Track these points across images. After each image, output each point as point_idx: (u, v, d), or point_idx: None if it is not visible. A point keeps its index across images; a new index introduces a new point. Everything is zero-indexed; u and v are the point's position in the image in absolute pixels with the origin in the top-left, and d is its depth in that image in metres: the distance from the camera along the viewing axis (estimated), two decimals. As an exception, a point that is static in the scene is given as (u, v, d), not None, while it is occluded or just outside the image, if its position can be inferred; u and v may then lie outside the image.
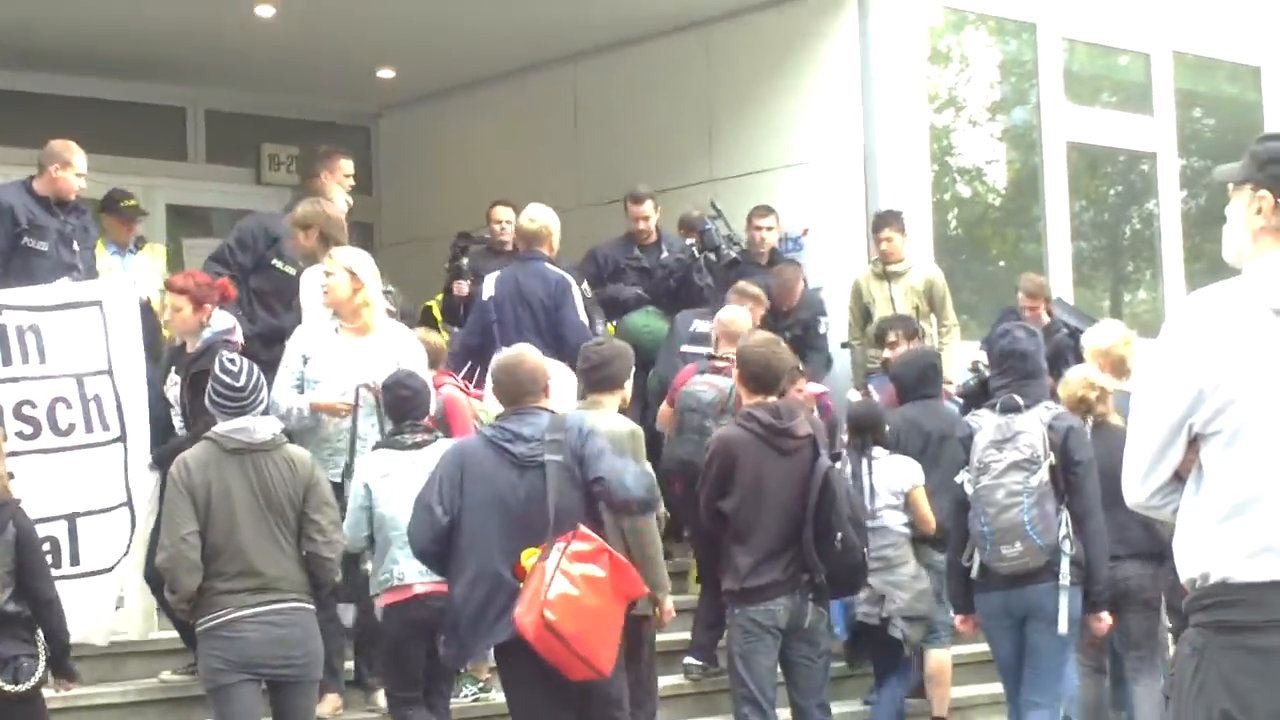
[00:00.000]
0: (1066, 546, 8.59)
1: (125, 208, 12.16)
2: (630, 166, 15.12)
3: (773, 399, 8.67)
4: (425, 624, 8.29)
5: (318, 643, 7.82)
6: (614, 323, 12.07)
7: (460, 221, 15.04)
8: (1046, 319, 12.47)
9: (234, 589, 7.52)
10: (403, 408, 8.75)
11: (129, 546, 8.97)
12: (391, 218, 17.15)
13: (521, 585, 7.31)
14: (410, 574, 8.38)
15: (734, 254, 12.54)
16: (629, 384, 8.81)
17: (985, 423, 8.79)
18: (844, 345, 13.12)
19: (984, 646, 10.75)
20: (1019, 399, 8.73)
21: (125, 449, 9.14)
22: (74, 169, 10.53)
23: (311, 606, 7.75)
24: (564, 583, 7.22)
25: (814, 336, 12.71)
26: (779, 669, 8.57)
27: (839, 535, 8.43)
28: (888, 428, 10.14)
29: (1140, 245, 16.70)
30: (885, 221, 13.11)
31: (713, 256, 12.44)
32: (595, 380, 8.66)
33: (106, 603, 8.84)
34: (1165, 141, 16.06)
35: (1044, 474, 8.56)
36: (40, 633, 7.39)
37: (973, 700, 11.00)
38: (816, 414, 10.03)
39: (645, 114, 15.24)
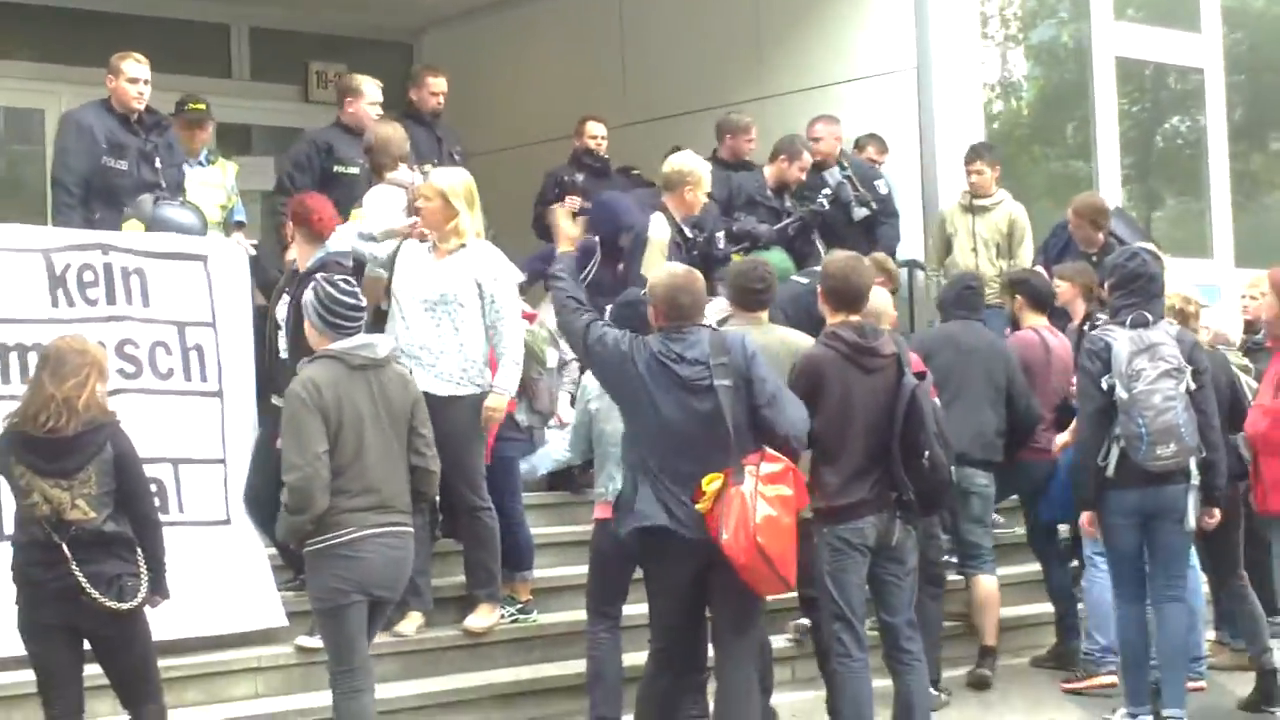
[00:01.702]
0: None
1: (188, 111, 11.68)
2: (678, 83, 15.11)
3: (856, 317, 8.63)
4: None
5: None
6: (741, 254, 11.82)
7: (506, 137, 15.05)
8: (1101, 239, 12.34)
9: (357, 507, 7.51)
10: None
11: (227, 510, 9.03)
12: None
13: (701, 508, 7.62)
14: None
15: (866, 212, 12.46)
16: None
17: (1119, 335, 9.12)
18: (911, 265, 13.02)
19: (1026, 568, 11.11)
20: (1149, 315, 9.17)
21: (222, 405, 9.21)
22: (124, 76, 10.38)
23: (413, 528, 7.79)
24: (765, 506, 7.59)
25: None
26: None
27: (926, 453, 8.41)
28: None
29: (1184, 160, 16.64)
30: (977, 154, 13.07)
31: (840, 213, 12.39)
32: (762, 299, 8.91)
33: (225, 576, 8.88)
34: (1213, 57, 15.99)
35: (1188, 380, 9.04)
36: (140, 551, 7.39)
37: (1021, 620, 11.07)
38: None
39: (693, 30, 15.18)
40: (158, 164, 10.38)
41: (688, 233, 10.87)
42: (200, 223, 10.11)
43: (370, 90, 11.29)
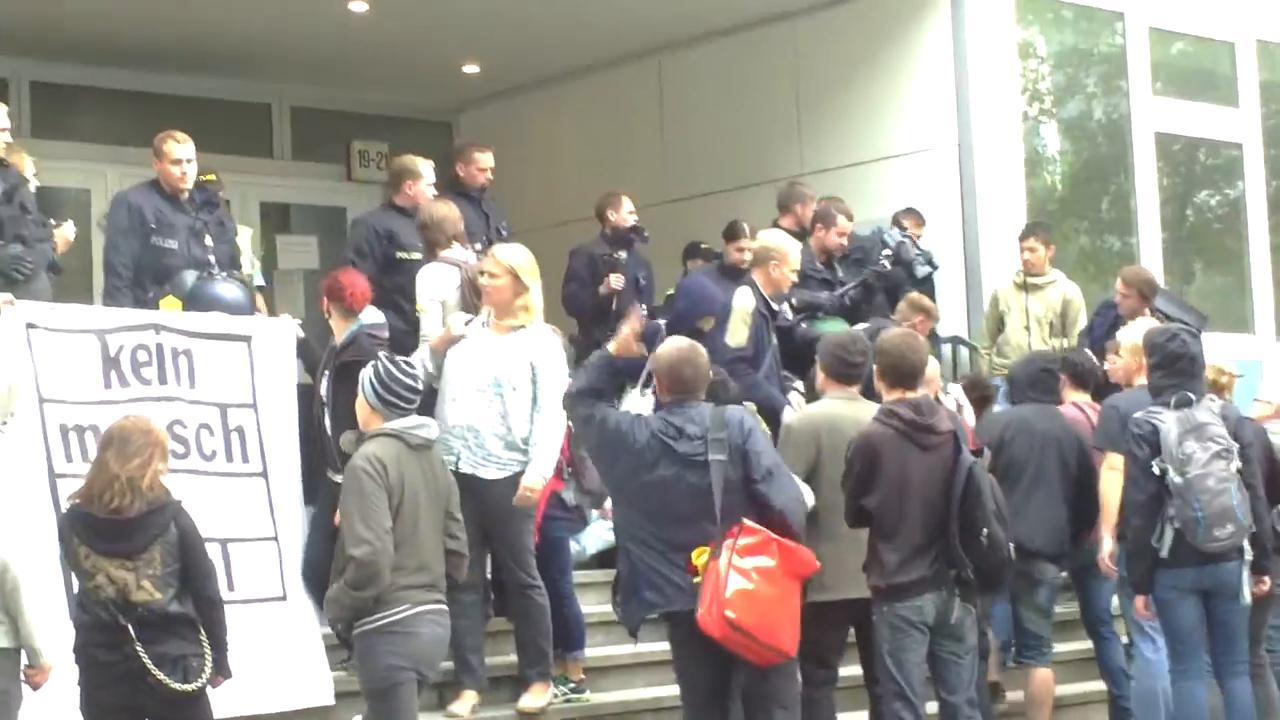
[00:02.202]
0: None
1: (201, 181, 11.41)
2: (717, 160, 15.16)
3: (912, 394, 8.63)
4: None
5: None
6: (804, 324, 11.86)
7: (542, 215, 15.09)
8: (1146, 313, 12.33)
9: (412, 584, 7.54)
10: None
11: (283, 585, 9.02)
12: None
13: (696, 581, 7.72)
14: None
15: (929, 270, 12.53)
16: None
17: (1166, 418, 9.11)
18: (955, 342, 13.03)
19: (1072, 645, 11.11)
20: (1192, 395, 9.17)
21: (268, 484, 9.23)
22: (168, 157, 10.40)
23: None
24: (739, 579, 7.65)
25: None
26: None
27: (985, 531, 8.38)
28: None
29: (1224, 236, 16.63)
30: (1031, 231, 13.11)
31: (903, 272, 12.43)
32: (858, 373, 8.97)
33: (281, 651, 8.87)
34: (1251, 132, 16.00)
35: (1237, 461, 9.05)
36: (203, 631, 7.38)
37: (1073, 699, 11.00)
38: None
39: (732, 107, 15.23)
40: (208, 241, 10.38)
41: (774, 307, 10.86)
42: (246, 297, 10.17)
43: (427, 172, 11.34)
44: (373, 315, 9.62)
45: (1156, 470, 9.06)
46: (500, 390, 9.27)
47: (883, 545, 8.39)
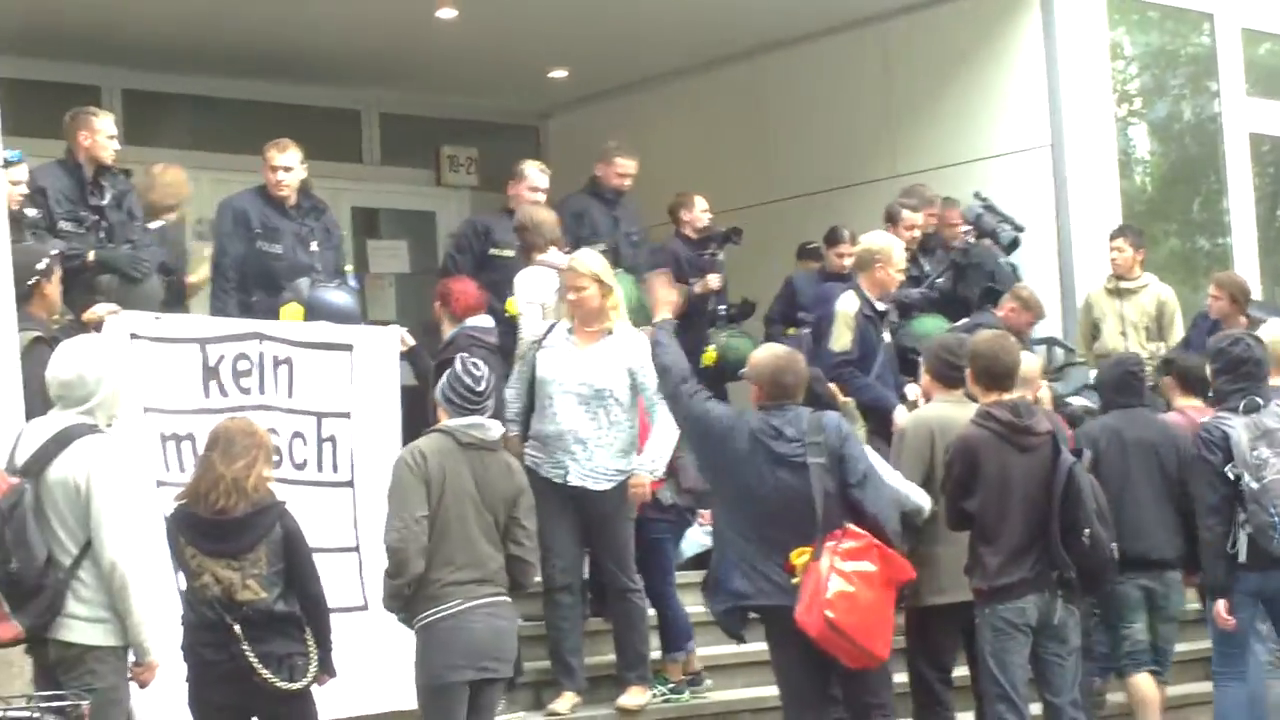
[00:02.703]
0: None
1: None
2: (810, 163, 15.11)
3: (1008, 396, 8.60)
4: None
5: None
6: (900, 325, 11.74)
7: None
8: (1243, 320, 12.11)
9: (461, 580, 7.61)
10: None
11: (364, 595, 9.06)
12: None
13: (794, 581, 7.81)
14: None
15: (1014, 234, 12.39)
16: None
17: (1236, 423, 9.09)
18: (1050, 343, 12.92)
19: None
20: (1259, 399, 9.15)
21: (354, 495, 9.25)
22: (268, 164, 10.61)
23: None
24: (840, 581, 7.78)
25: None
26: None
27: (1086, 531, 8.37)
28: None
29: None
30: (1120, 232, 13.00)
31: (988, 241, 12.35)
32: (963, 376, 8.91)
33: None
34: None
35: None
36: (308, 630, 7.42)
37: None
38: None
39: (825, 110, 15.16)
40: (314, 247, 10.52)
41: (879, 307, 10.83)
42: (355, 303, 10.22)
43: (532, 175, 11.41)
44: (481, 320, 9.76)
45: (1231, 475, 9.05)
46: (603, 401, 9.31)
47: (984, 548, 8.39)
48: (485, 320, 9.84)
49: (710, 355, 12.07)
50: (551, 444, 9.27)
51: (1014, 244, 12.43)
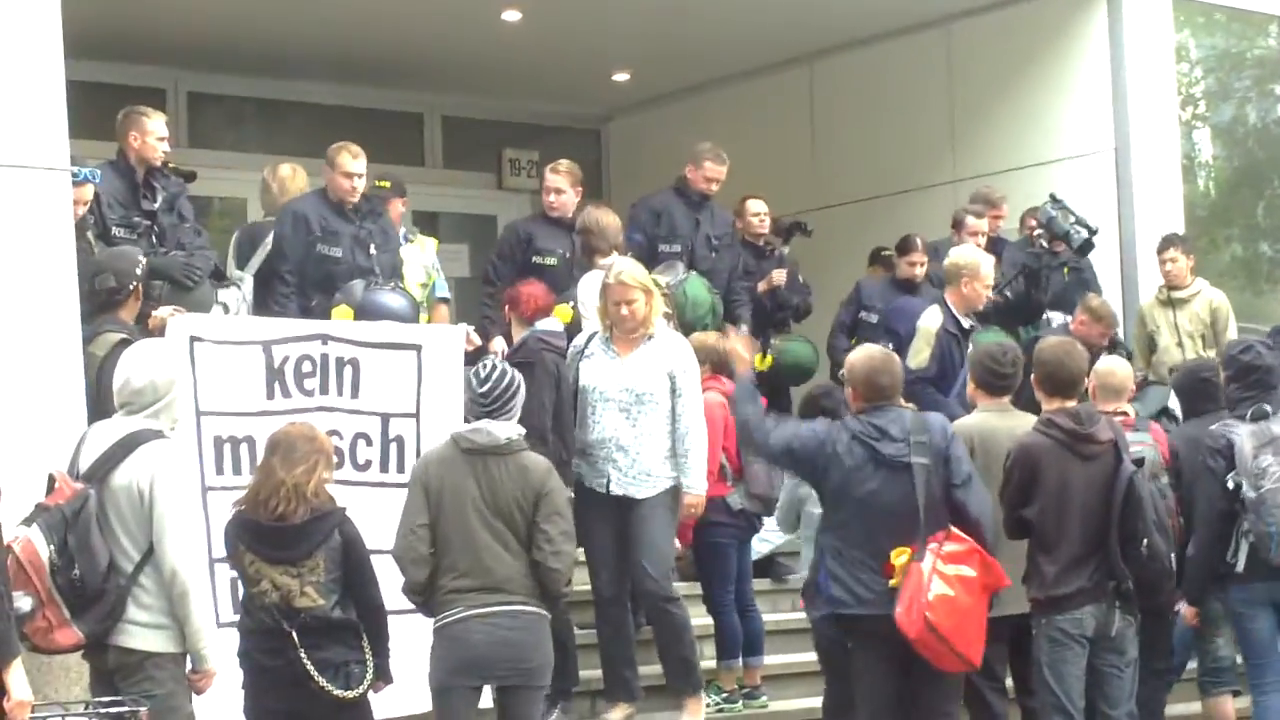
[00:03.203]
0: None
1: (374, 191, 11.35)
2: (869, 167, 15.08)
3: (1072, 403, 8.55)
4: None
5: (548, 649, 7.71)
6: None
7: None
8: None
9: (464, 588, 7.53)
10: None
11: None
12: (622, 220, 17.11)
13: (892, 584, 7.81)
14: None
15: (1086, 235, 12.28)
16: None
17: (1241, 430, 9.00)
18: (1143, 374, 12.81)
19: None
20: (1268, 407, 9.06)
21: None
22: (339, 168, 10.55)
23: (543, 611, 7.65)
24: (941, 584, 7.79)
25: None
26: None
27: (1145, 542, 8.35)
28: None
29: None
30: (1169, 242, 12.85)
31: (1062, 246, 12.26)
32: (1009, 385, 8.94)
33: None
34: None
35: None
36: (365, 638, 7.45)
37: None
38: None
39: (884, 114, 15.14)
40: (372, 250, 10.50)
41: (964, 324, 10.68)
42: (410, 306, 10.23)
43: (548, 178, 11.40)
44: (550, 324, 9.73)
45: (1231, 485, 8.94)
46: (643, 408, 9.19)
47: (1042, 557, 8.34)
48: (555, 324, 9.78)
49: (765, 360, 12.04)
50: (593, 452, 9.22)
51: (1086, 246, 12.33)
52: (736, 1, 13.92)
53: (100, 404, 7.98)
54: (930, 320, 10.71)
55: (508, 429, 7.71)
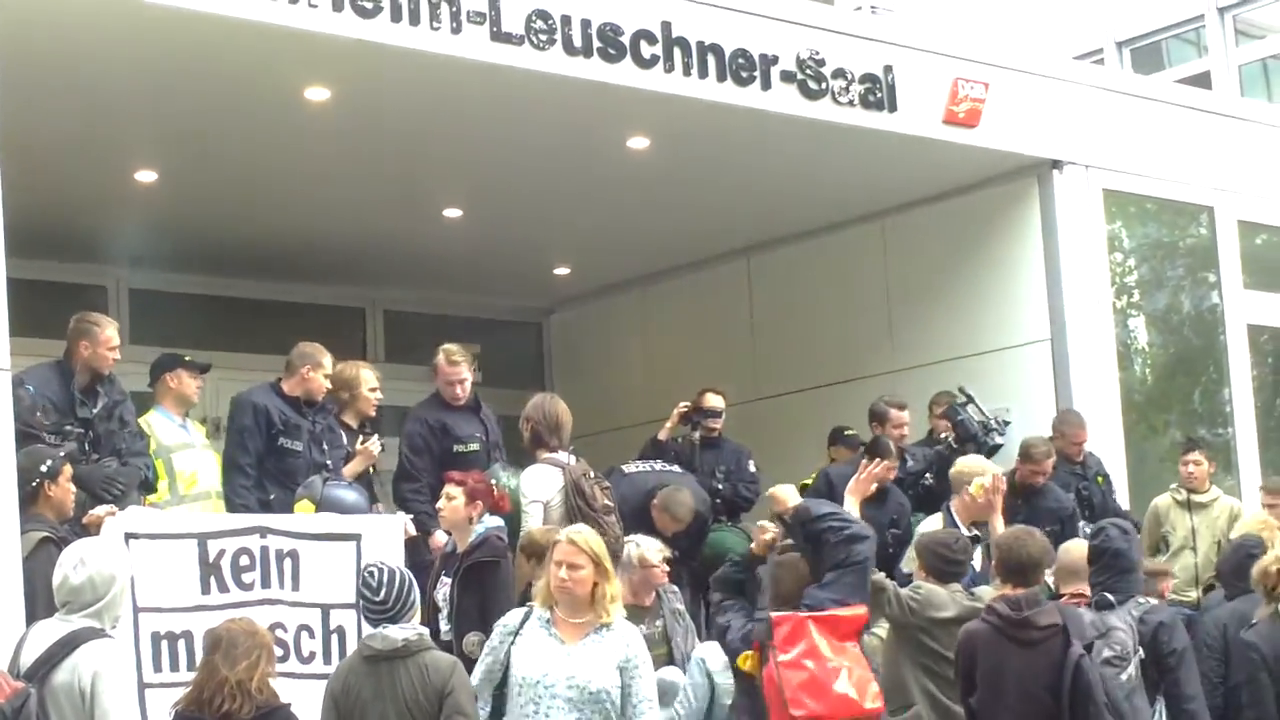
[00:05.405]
0: None
1: (189, 362, 11.07)
2: (808, 358, 15.16)
3: (1019, 590, 8.58)
4: None
5: None
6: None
7: (632, 415, 15.13)
8: None
9: None
10: None
11: None
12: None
13: None
14: None
15: (995, 440, 12.40)
16: None
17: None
18: None
19: None
20: (1110, 596, 9.18)
21: None
22: (324, 370, 10.75)
23: None
24: None
25: None
26: None
27: (1098, 727, 8.34)
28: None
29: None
30: (1193, 445, 12.95)
31: (970, 448, 12.31)
32: (959, 572, 9.17)
33: None
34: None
35: (1133, 669, 9.01)
36: None
37: None
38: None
39: (822, 305, 15.26)
40: (325, 445, 10.54)
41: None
42: (364, 500, 10.21)
43: (451, 370, 11.47)
44: (492, 519, 9.63)
45: None
46: (600, 707, 7.74)
47: (986, 745, 8.33)
48: (497, 520, 9.69)
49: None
50: None
51: (995, 449, 12.42)
52: (675, 197, 14.04)
53: (29, 602, 7.95)
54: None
55: (405, 631, 7.65)
